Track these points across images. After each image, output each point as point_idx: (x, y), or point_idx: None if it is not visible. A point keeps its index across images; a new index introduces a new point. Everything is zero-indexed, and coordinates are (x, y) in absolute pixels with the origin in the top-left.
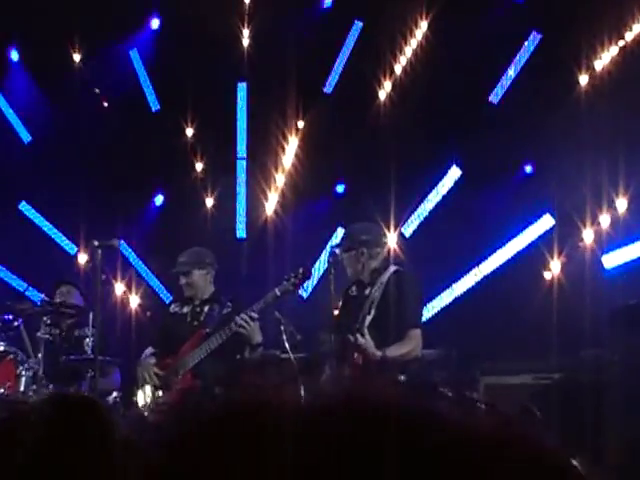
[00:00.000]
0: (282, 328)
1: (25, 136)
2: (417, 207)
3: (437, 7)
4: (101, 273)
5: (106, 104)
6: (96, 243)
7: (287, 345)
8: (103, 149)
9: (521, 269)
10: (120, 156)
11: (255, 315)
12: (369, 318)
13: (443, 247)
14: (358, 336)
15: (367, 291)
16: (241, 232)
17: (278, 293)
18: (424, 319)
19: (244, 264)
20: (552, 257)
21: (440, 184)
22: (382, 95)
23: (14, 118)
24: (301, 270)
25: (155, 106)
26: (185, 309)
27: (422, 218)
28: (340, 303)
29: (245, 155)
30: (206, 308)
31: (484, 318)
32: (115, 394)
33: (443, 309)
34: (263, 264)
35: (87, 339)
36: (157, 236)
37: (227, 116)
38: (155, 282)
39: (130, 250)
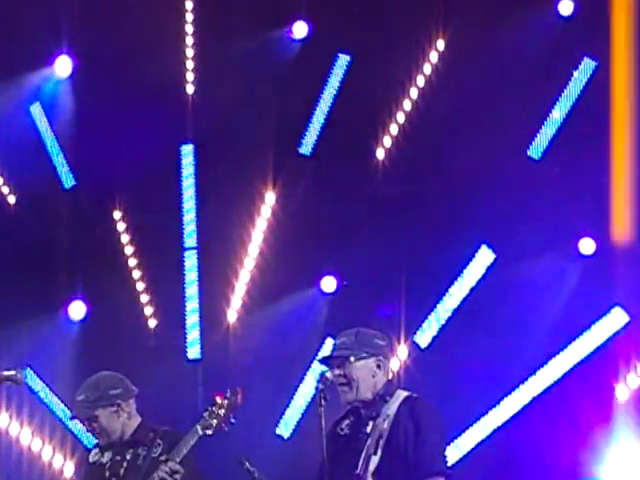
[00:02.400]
0: None
1: None
2: (435, 306)
3: (453, 27)
4: None
5: None
6: None
7: None
8: None
9: (583, 386)
10: (21, 254)
11: (177, 467)
12: (375, 460)
13: (472, 360)
14: None
15: (368, 426)
16: (194, 352)
17: (200, 432)
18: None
19: (200, 393)
20: (627, 367)
21: (465, 272)
22: (380, 154)
23: None
24: (228, 394)
25: (69, 182)
26: (105, 457)
27: (443, 321)
28: (325, 449)
29: (195, 244)
30: (128, 455)
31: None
32: None
33: (475, 449)
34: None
35: None
36: (77, 362)
37: (168, 191)
38: (75, 425)
39: (40, 382)
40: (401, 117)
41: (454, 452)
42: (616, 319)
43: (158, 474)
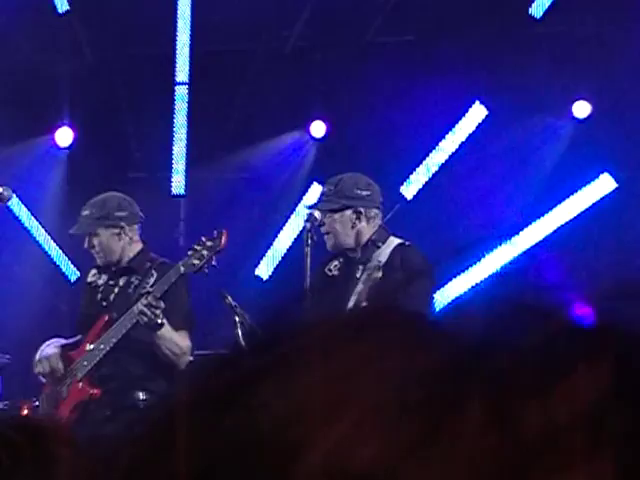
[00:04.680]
0: (236, 319)
1: None
2: (424, 158)
3: None
4: None
5: None
6: None
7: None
8: None
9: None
10: (11, 75)
11: (156, 303)
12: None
13: (459, 214)
14: None
15: (358, 271)
16: (178, 187)
17: (182, 270)
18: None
19: (182, 229)
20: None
21: (457, 127)
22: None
23: None
24: (215, 235)
25: (63, 6)
26: (102, 279)
27: (431, 174)
28: (309, 285)
29: (187, 79)
30: (122, 281)
31: None
32: None
33: (460, 298)
34: (208, 227)
35: None
36: (61, 189)
37: (163, 25)
38: (57, 252)
39: (22, 206)
40: None
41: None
42: (604, 185)
43: (138, 306)
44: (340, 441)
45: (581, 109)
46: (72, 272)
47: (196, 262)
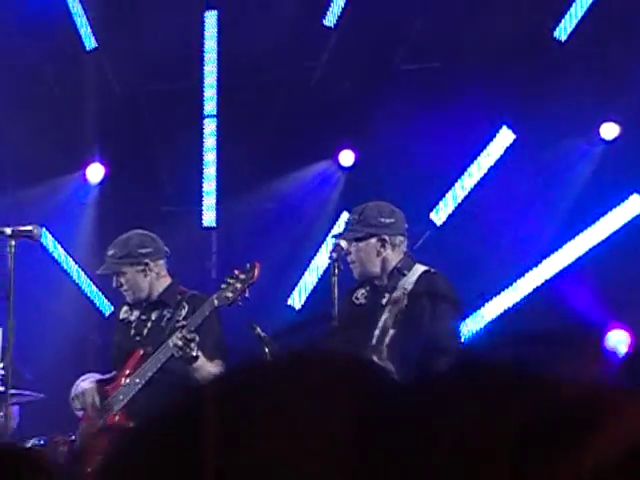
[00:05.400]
0: (266, 350)
1: None
2: (453, 184)
3: None
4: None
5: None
6: (8, 231)
7: None
8: (17, 101)
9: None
10: (41, 112)
11: (191, 336)
12: (391, 334)
13: (489, 239)
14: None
15: (384, 298)
16: (210, 219)
17: (216, 302)
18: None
19: (214, 261)
20: None
21: (484, 152)
22: (404, 29)
23: None
24: (248, 268)
25: (91, 43)
26: (134, 315)
27: (460, 200)
28: (337, 314)
29: (215, 112)
30: (154, 315)
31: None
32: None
33: (491, 324)
34: (239, 259)
35: None
36: (92, 225)
37: (190, 58)
38: (90, 287)
39: (55, 242)
40: None
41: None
42: (634, 206)
43: (172, 340)
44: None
45: (609, 131)
46: (106, 307)
47: (229, 295)
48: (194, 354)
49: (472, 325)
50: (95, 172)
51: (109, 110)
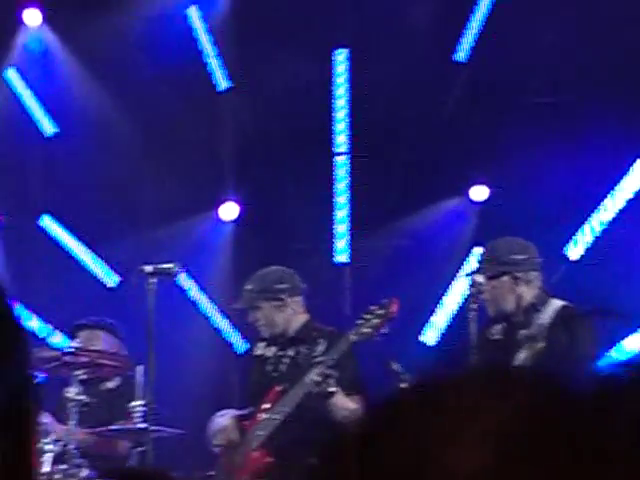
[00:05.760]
0: (402, 386)
1: (48, 127)
2: (588, 218)
3: None
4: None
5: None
6: (149, 269)
7: None
8: (152, 142)
9: None
10: (176, 153)
11: (329, 372)
12: None
13: (627, 273)
14: None
15: (520, 335)
16: (343, 256)
17: (353, 338)
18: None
19: (347, 298)
20: None
21: (620, 185)
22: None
23: (33, 103)
24: (385, 303)
25: (223, 84)
26: (271, 351)
27: (596, 234)
28: (472, 350)
29: (346, 149)
30: (291, 351)
31: None
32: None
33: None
34: (372, 295)
35: (135, 402)
36: (226, 262)
37: (320, 96)
38: (224, 324)
39: (190, 280)
40: None
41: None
42: None
43: (310, 376)
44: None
45: None
46: (240, 344)
47: (367, 330)
48: (332, 390)
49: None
50: (229, 210)
51: (242, 149)
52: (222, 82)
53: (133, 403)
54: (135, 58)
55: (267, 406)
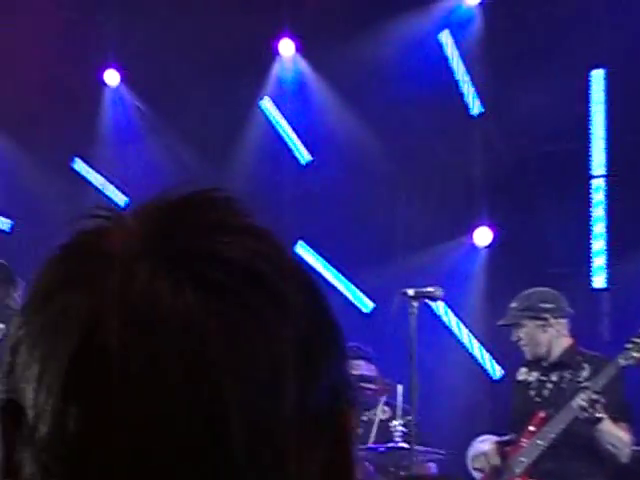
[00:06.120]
0: None
1: (304, 155)
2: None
3: None
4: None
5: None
6: (411, 292)
7: None
8: (406, 168)
9: None
10: (429, 179)
11: (596, 397)
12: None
13: None
14: None
15: (552, 377)
16: (600, 280)
17: (622, 362)
18: None
19: (606, 322)
20: None
21: None
22: None
23: (288, 131)
24: None
25: (477, 108)
26: (533, 376)
27: None
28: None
29: (604, 172)
30: (554, 376)
31: None
32: None
33: None
34: (633, 320)
35: (394, 422)
36: (481, 287)
37: (578, 119)
38: (480, 350)
39: (445, 305)
40: None
41: None
42: None
43: (576, 401)
44: None
45: None
46: (495, 371)
47: (636, 355)
48: (599, 416)
49: None
50: (483, 236)
51: (495, 173)
52: (475, 106)
53: (394, 422)
54: (388, 84)
55: (532, 430)
